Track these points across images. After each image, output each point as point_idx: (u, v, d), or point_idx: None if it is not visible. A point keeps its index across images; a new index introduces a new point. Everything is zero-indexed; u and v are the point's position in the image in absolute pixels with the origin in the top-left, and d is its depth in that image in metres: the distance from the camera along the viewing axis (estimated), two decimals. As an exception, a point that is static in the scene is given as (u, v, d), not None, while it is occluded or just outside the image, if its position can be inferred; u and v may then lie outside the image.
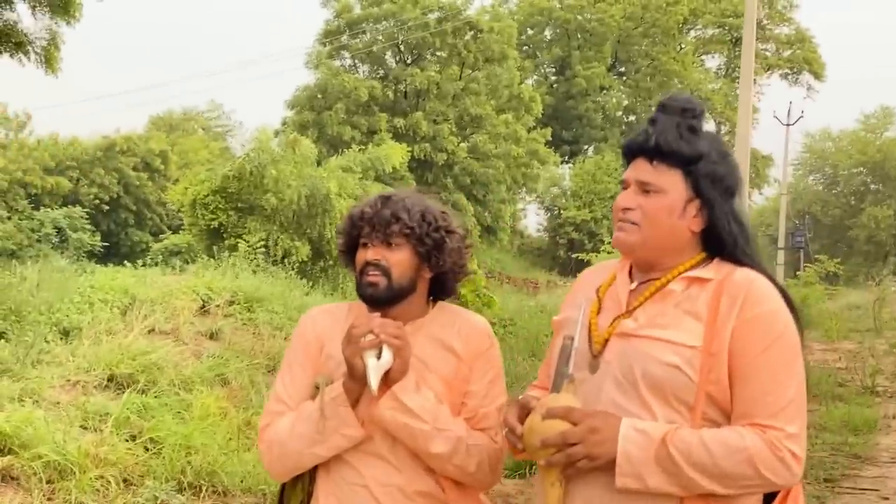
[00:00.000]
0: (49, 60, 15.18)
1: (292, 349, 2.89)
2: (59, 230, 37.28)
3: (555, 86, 52.63)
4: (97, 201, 41.59)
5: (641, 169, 2.45)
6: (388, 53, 41.70)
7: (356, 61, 42.16)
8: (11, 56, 14.99)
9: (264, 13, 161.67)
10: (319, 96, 39.68)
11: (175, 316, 11.37)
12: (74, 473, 6.80)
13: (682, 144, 2.42)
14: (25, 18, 14.92)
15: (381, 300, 2.74)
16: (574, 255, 31.06)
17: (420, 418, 2.62)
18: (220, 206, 19.93)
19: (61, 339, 10.05)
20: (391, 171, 24.78)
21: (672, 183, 2.42)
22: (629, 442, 2.27)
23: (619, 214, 2.48)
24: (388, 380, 2.61)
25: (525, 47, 51.61)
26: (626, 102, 54.70)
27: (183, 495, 6.78)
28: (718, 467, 2.26)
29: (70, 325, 10.55)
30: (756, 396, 2.31)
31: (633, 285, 2.53)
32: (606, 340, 2.46)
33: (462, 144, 38.89)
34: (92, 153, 43.38)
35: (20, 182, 40.57)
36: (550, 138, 43.49)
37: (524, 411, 2.41)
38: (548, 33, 54.26)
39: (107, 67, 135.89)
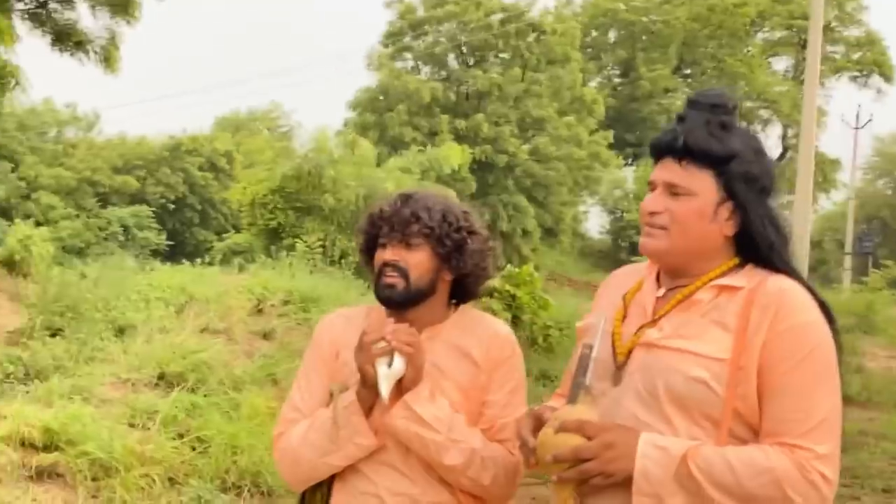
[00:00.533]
0: (108, 59, 15.34)
1: (308, 355, 2.84)
2: (126, 228, 37.81)
3: (619, 88, 52.25)
4: (163, 200, 42.05)
5: (669, 170, 2.30)
6: (451, 55, 41.64)
7: (418, 63, 42.19)
8: (72, 55, 15.20)
9: (326, 13, 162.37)
10: (381, 97, 39.76)
11: (229, 315, 11.42)
12: (119, 471, 6.84)
13: (712, 143, 2.25)
14: (85, 18, 15.07)
15: (399, 302, 2.67)
16: (636, 258, 30.83)
17: (433, 428, 2.55)
18: (279, 206, 20.06)
19: (115, 336, 10.14)
20: (450, 172, 24.73)
21: (702, 184, 2.26)
22: (648, 459, 2.15)
23: (646, 218, 2.32)
24: (401, 388, 2.55)
25: (589, 49, 51.25)
26: (691, 105, 54.12)
27: (227, 495, 6.80)
28: (743, 488, 2.12)
29: (125, 322, 10.66)
30: (785, 414, 2.17)
31: (661, 292, 2.39)
32: (630, 350, 2.33)
33: (523, 146, 38.61)
34: (159, 153, 43.89)
35: (89, 181, 41.19)
36: (613, 141, 43.10)
37: (538, 423, 2.29)
38: (612, 35, 53.87)
39: (174, 68, 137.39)
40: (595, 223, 52.19)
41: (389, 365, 2.52)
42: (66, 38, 14.98)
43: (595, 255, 50.57)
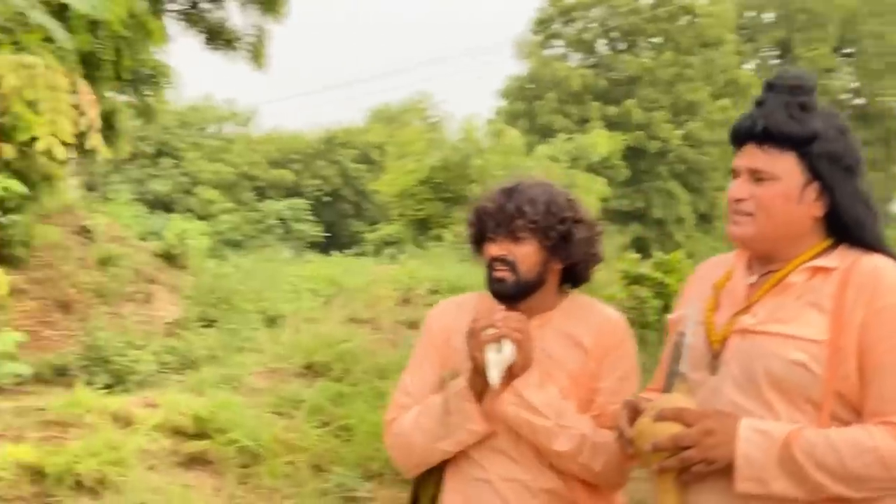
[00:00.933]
0: (256, 56, 15.76)
1: (420, 342, 2.85)
2: (283, 221, 38.67)
3: (776, 70, 50.95)
4: (319, 193, 42.86)
5: (751, 155, 2.24)
6: (600, 41, 41.31)
7: (568, 50, 41.97)
8: (223, 53, 15.66)
9: (478, 2, 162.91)
10: (531, 85, 39.74)
11: (376, 304, 11.60)
12: (266, 458, 7.02)
13: (792, 125, 2.20)
14: (235, 17, 15.54)
15: (510, 295, 2.65)
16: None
17: (542, 414, 2.53)
18: (427, 196, 20.23)
19: (266, 326, 10.42)
20: (599, 159, 24.54)
21: (786, 167, 2.21)
22: (749, 444, 2.10)
23: (733, 206, 2.28)
24: (511, 374, 2.54)
25: (744, 31, 50.13)
26: (852, 84, 52.48)
27: (370, 483, 6.89)
28: (846, 469, 2.07)
29: (275, 313, 10.95)
30: (888, 394, 2.11)
31: (753, 279, 2.34)
32: (725, 339, 2.28)
33: (676, 132, 38.08)
34: (314, 146, 44.76)
35: (246, 175, 42.29)
36: (770, 123, 42.09)
37: (634, 413, 2.26)
38: (768, 16, 52.62)
39: (328, 61, 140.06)
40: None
41: (499, 351, 2.51)
42: (217, 37, 15.46)
43: (752, 241, 49.62)
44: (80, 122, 2.45)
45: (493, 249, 2.66)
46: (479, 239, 2.74)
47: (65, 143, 2.52)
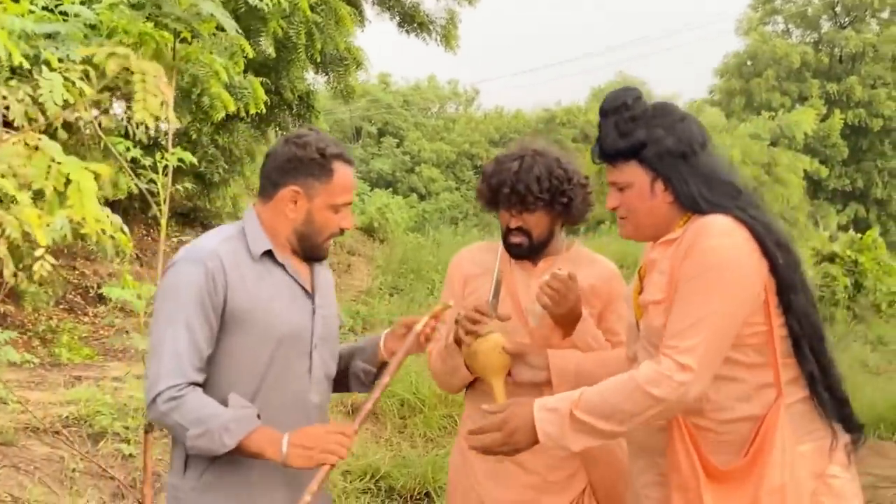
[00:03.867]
0: (447, 38, 16.36)
1: (445, 285, 3.44)
2: (502, 198, 39.14)
3: None
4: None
5: (609, 172, 2.71)
6: (823, 17, 40.09)
7: (789, 26, 40.95)
8: (417, 35, 16.31)
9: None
10: (749, 63, 39.04)
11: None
12: (424, 410, 7.63)
13: (621, 143, 2.64)
14: (428, 1, 16.20)
15: (525, 255, 3.22)
16: None
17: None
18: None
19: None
20: (814, 137, 24.00)
21: (633, 174, 2.65)
22: (544, 422, 2.55)
23: (613, 212, 2.75)
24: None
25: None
26: None
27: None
28: (620, 409, 2.48)
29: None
30: (672, 325, 2.51)
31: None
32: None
33: (902, 109, 36.62)
34: (534, 125, 45.07)
35: (467, 154, 42.96)
36: None
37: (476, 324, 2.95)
38: None
39: (550, 39, 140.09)
40: None
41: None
42: (411, 20, 16.13)
43: None
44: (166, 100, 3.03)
45: (511, 221, 3.19)
46: (493, 205, 3.26)
47: (155, 118, 3.11)
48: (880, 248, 15.04)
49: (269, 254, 2.70)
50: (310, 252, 2.77)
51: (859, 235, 15.18)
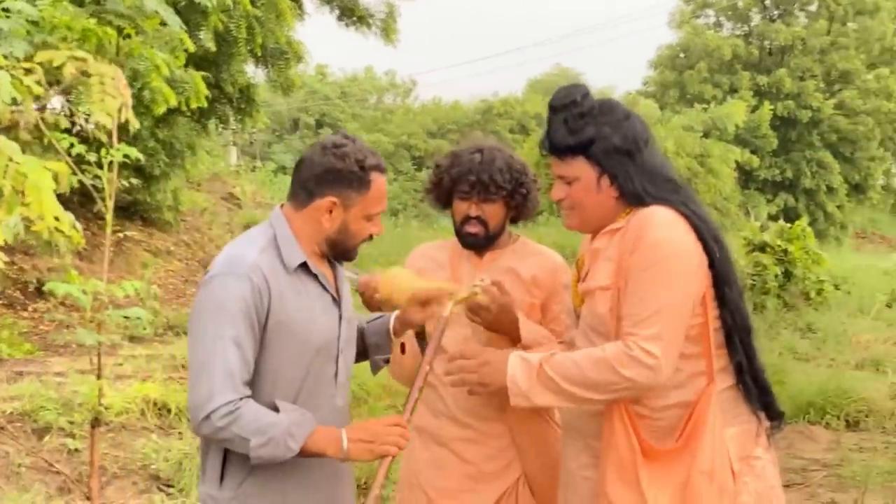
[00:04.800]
0: (387, 32, 16.42)
1: None
2: (441, 190, 39.18)
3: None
4: (430, 161, 43.32)
5: (556, 165, 2.84)
6: (754, 10, 40.61)
7: (720, 18, 41.44)
8: (356, 29, 16.36)
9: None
10: (682, 55, 39.50)
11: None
12: (368, 401, 7.74)
13: (570, 139, 2.77)
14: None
15: (481, 245, 3.34)
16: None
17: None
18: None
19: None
20: (745, 128, 24.33)
21: (580, 169, 2.79)
22: (515, 368, 2.73)
23: (558, 204, 2.88)
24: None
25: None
26: None
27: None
28: (588, 378, 2.65)
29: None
30: (630, 312, 2.65)
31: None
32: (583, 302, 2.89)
33: (829, 101, 37.23)
34: (471, 116, 45.16)
35: (405, 145, 42.91)
36: (933, 93, 40.70)
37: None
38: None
39: (486, 31, 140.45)
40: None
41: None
42: (350, 14, 16.15)
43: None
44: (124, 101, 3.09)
45: (470, 210, 3.30)
46: (447, 198, 3.37)
47: (111, 116, 3.17)
48: (809, 237, 15.33)
49: (303, 265, 2.71)
50: (340, 256, 2.81)
51: (789, 225, 15.46)
